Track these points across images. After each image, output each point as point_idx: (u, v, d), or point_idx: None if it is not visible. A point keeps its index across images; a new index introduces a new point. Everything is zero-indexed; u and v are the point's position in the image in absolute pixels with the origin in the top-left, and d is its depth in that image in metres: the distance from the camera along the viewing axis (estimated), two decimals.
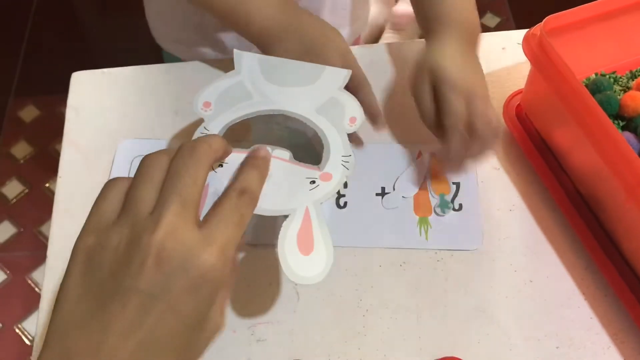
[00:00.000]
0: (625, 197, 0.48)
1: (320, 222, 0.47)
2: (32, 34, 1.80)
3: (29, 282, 1.36)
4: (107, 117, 0.65)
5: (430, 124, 0.57)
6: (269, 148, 0.51)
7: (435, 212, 0.58)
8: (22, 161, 1.57)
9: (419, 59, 0.58)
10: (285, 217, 0.47)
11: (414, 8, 0.63)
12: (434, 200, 0.59)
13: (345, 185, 0.60)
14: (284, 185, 0.49)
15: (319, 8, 0.75)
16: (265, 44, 0.59)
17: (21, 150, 1.58)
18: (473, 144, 0.54)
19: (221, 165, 0.49)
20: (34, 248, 1.41)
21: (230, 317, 0.54)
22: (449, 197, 0.59)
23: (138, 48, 1.62)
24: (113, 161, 0.62)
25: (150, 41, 0.84)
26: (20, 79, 1.71)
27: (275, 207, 0.47)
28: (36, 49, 1.77)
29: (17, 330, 1.31)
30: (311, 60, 0.56)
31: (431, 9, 0.60)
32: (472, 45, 0.59)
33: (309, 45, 0.57)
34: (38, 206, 1.48)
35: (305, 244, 0.45)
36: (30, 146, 1.59)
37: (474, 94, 0.54)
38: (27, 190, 1.52)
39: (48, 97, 1.64)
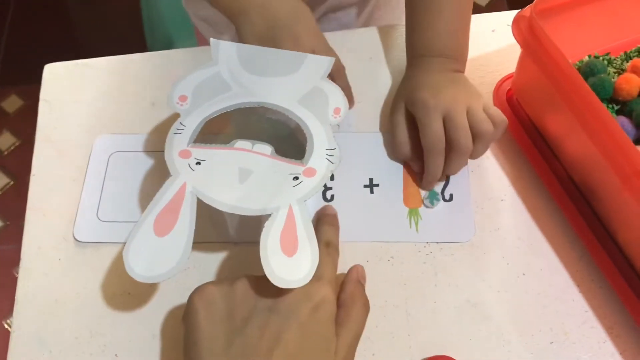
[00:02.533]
0: (621, 187, 0.46)
1: (305, 220, 0.45)
2: (14, 21, 1.75)
3: (16, 275, 1.33)
4: (83, 111, 0.63)
5: (405, 155, 0.57)
6: (249, 142, 0.49)
7: (424, 204, 0.56)
8: (6, 153, 1.54)
9: (398, 90, 0.59)
10: (269, 215, 0.45)
11: (406, 37, 0.62)
12: (423, 192, 0.57)
13: (332, 177, 0.58)
14: (266, 182, 0.46)
15: None
16: (232, 15, 0.57)
17: (5, 141, 1.56)
18: (455, 157, 0.54)
19: (199, 164, 0.47)
20: (20, 241, 1.39)
21: None
22: (438, 189, 0.57)
23: (124, 37, 1.59)
24: (90, 158, 0.59)
25: (137, 31, 0.82)
26: (2, 69, 1.67)
27: (257, 207, 0.45)
28: (18, 38, 1.73)
29: (5, 325, 1.30)
30: (275, 36, 0.54)
31: (417, 38, 0.59)
32: (452, 68, 0.58)
33: (272, 21, 0.55)
34: (23, 199, 1.45)
35: (289, 245, 0.43)
36: (15, 137, 1.56)
37: (452, 110, 0.53)
38: (12, 183, 1.49)
39: (31, 87, 1.60)
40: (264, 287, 0.42)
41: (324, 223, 0.49)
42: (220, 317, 0.40)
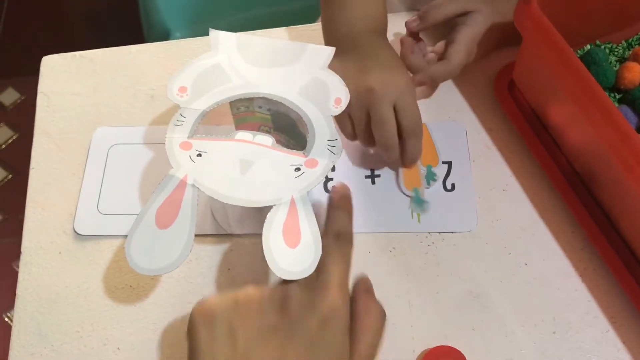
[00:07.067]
0: (624, 176, 0.46)
1: (307, 212, 0.45)
2: (10, 13, 1.74)
3: (16, 269, 1.33)
4: (81, 103, 0.62)
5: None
6: (250, 134, 0.49)
7: (421, 184, 0.56)
8: (4, 146, 1.53)
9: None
10: (271, 207, 0.45)
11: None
12: (422, 172, 0.57)
13: (334, 168, 0.58)
14: (267, 174, 0.46)
15: None
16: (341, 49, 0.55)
17: (2, 135, 1.55)
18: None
19: (200, 155, 0.47)
20: (19, 235, 1.39)
21: None
22: (436, 169, 0.57)
23: (123, 27, 1.58)
24: (89, 150, 0.59)
25: (134, 22, 0.81)
26: None
27: (259, 198, 0.45)
28: (15, 30, 1.72)
29: (5, 319, 1.30)
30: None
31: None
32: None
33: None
34: (22, 192, 1.43)
35: (292, 237, 0.43)
36: (12, 131, 1.55)
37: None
38: (10, 176, 1.48)
39: (28, 79, 1.60)
40: (268, 300, 0.38)
41: (336, 207, 0.43)
42: (221, 338, 0.37)
